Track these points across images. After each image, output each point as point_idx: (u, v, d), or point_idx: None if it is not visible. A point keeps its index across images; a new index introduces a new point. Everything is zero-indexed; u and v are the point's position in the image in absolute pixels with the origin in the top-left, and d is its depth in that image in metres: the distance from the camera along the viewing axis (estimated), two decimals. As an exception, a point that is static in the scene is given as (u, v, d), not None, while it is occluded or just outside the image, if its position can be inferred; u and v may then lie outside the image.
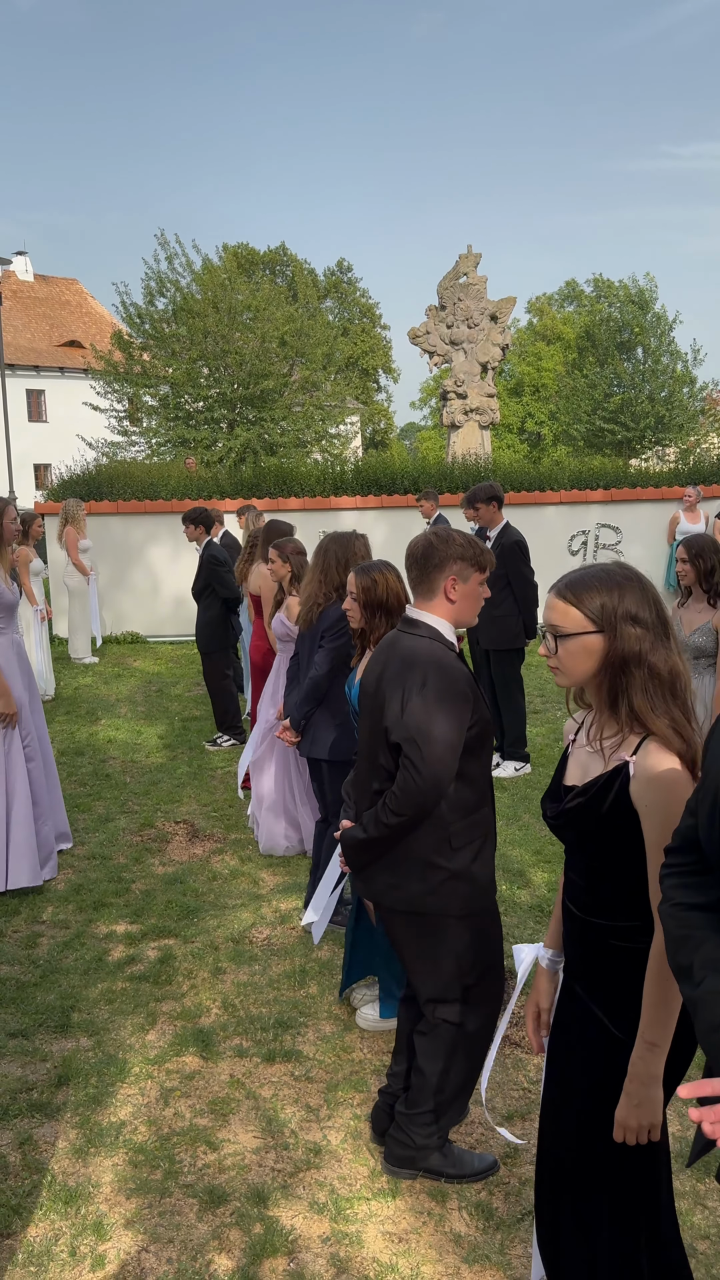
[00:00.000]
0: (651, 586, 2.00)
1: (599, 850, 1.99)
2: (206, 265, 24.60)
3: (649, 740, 1.92)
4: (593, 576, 1.98)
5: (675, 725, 1.92)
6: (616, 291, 39.02)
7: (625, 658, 1.93)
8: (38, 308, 44.20)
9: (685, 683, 1.97)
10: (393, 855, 2.79)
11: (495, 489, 6.76)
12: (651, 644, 1.93)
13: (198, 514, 7.53)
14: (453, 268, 15.67)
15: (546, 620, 2.02)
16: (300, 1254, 2.63)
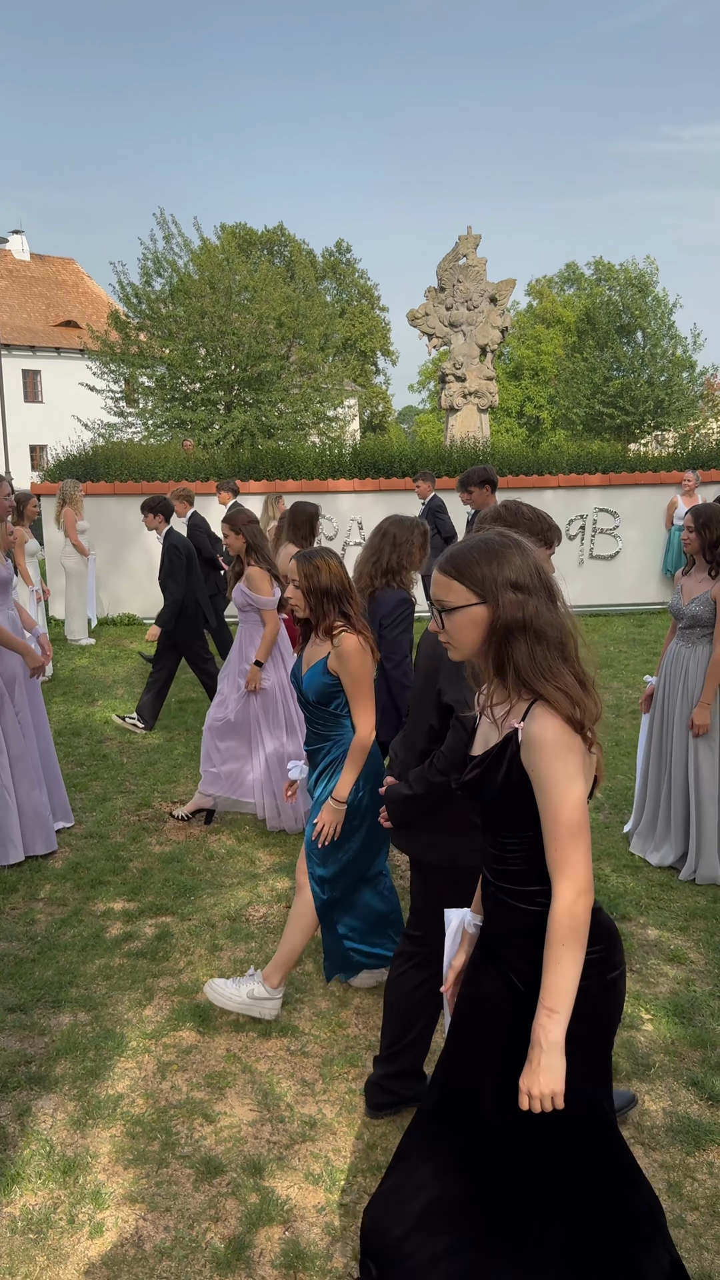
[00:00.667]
0: (533, 552, 1.99)
1: (500, 819, 2.00)
2: (204, 245, 24.46)
3: (537, 705, 1.91)
4: (472, 548, 1.98)
5: (564, 688, 1.91)
6: (617, 275, 38.86)
7: (509, 625, 1.92)
8: (34, 287, 43.93)
9: (575, 644, 1.97)
10: (437, 814, 2.86)
11: (488, 472, 6.76)
12: (535, 609, 1.92)
13: (156, 502, 7.46)
14: (452, 249, 15.61)
15: (433, 596, 2.03)
16: (296, 1223, 2.67)
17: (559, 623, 1.94)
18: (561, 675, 1.91)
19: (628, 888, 4.69)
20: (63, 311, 43.39)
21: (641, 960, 4.03)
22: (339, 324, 29.37)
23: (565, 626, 1.95)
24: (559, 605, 1.96)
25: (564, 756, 1.87)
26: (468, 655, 2.00)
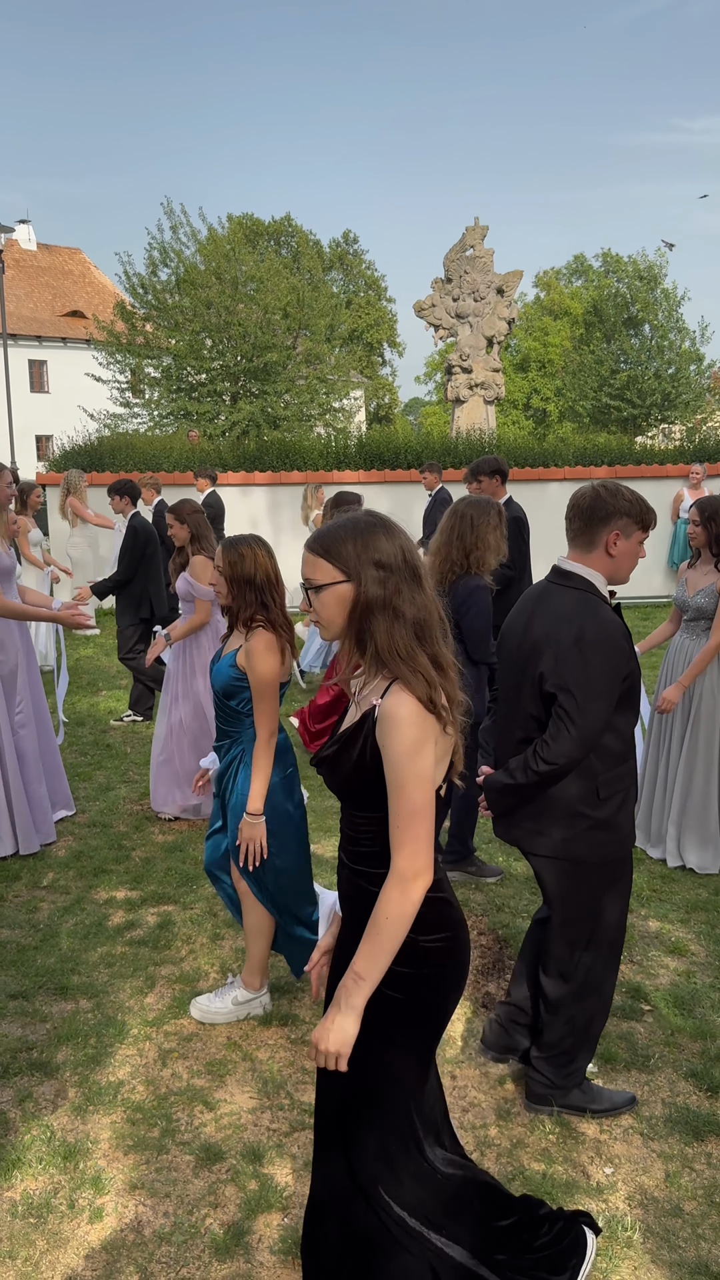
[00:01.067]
0: (401, 532, 1.99)
1: (354, 797, 2.00)
2: (211, 235, 24.41)
3: (395, 683, 1.91)
4: (339, 526, 1.98)
5: (419, 669, 1.90)
6: (625, 267, 38.67)
7: (370, 603, 1.91)
8: (40, 277, 43.88)
9: (438, 627, 1.96)
10: (538, 802, 2.87)
11: (499, 462, 6.74)
12: (396, 588, 1.92)
13: (122, 485, 7.52)
14: (459, 240, 15.56)
15: (303, 575, 2.03)
16: (294, 1210, 2.68)
17: (421, 604, 1.94)
18: (417, 656, 1.91)
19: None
20: (69, 301, 43.34)
21: (643, 952, 4.03)
22: (345, 315, 29.28)
23: (428, 609, 1.95)
24: (424, 587, 1.96)
25: (414, 735, 1.87)
26: (336, 635, 1.99)
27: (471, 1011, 3.61)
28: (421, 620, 1.93)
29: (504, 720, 3.02)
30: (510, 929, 4.19)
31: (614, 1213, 2.67)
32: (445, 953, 2.02)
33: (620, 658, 2.75)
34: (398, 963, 1.96)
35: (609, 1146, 2.93)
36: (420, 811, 1.88)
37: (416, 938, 1.97)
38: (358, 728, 1.96)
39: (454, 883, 4.63)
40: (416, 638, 1.92)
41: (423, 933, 1.98)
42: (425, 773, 1.88)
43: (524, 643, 2.88)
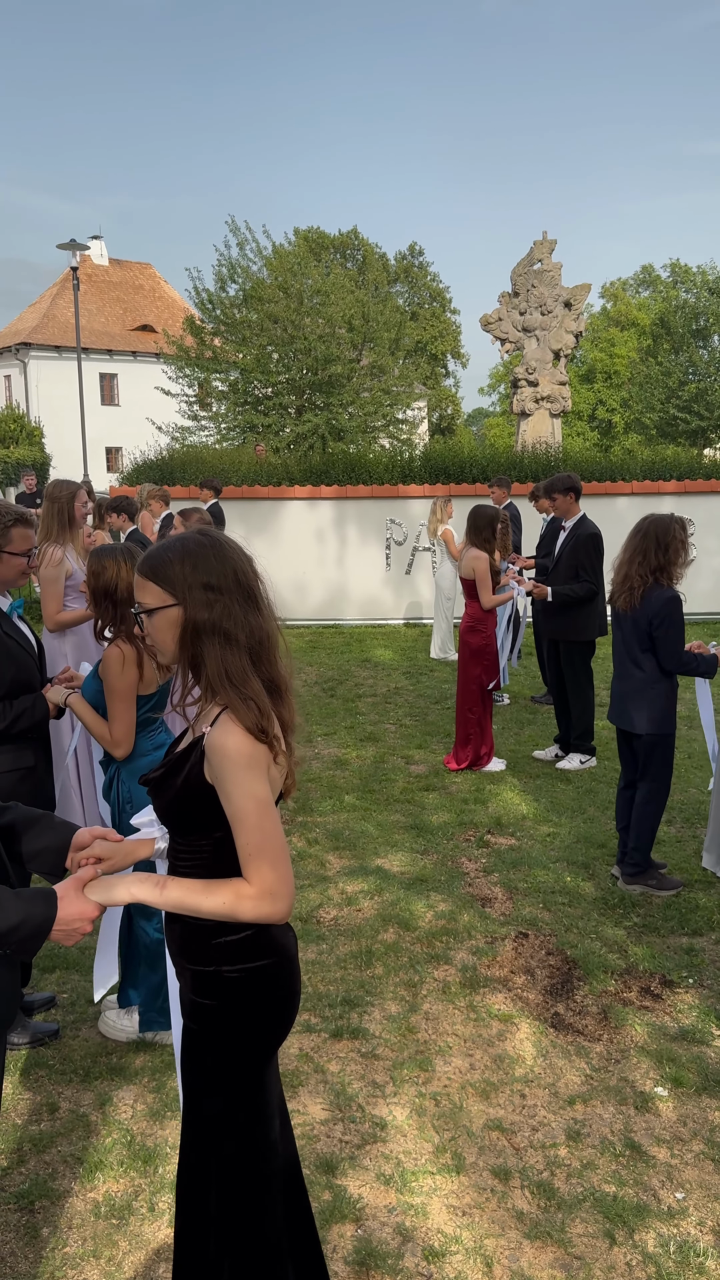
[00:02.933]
0: (234, 553, 1.94)
1: (175, 821, 1.95)
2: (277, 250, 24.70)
3: (225, 712, 1.85)
4: (168, 548, 1.93)
5: (251, 695, 1.85)
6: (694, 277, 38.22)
7: (198, 626, 1.87)
8: (112, 291, 44.78)
9: (274, 649, 1.92)
10: None
11: (574, 480, 6.78)
12: (227, 610, 1.87)
13: (119, 501, 7.70)
14: (527, 254, 15.57)
15: (135, 599, 1.99)
16: (367, 1222, 2.74)
17: (256, 626, 1.90)
18: (249, 682, 1.86)
19: (699, 904, 4.66)
20: (139, 316, 44.15)
21: (714, 976, 4.01)
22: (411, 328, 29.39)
23: (264, 630, 1.91)
24: (260, 608, 1.92)
25: (245, 765, 1.82)
26: (169, 659, 1.94)
27: (540, 1032, 3.63)
28: (257, 643, 1.90)
29: None
30: (579, 949, 4.20)
31: (686, 1237, 2.68)
32: (267, 977, 1.94)
33: None
34: (200, 994, 1.94)
35: (680, 1171, 2.94)
36: (267, 840, 1.83)
37: (221, 968, 1.91)
38: (185, 755, 1.92)
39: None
40: (251, 661, 1.88)
41: (229, 963, 1.92)
42: (263, 799, 1.84)
43: None
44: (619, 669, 4.84)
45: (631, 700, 4.72)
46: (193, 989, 1.96)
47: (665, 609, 4.56)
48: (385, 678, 9.52)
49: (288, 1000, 2.00)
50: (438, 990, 3.89)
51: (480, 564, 6.53)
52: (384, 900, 4.67)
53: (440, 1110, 3.20)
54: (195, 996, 1.95)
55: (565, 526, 6.79)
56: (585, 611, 6.66)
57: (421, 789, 6.28)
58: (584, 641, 6.72)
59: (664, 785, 4.80)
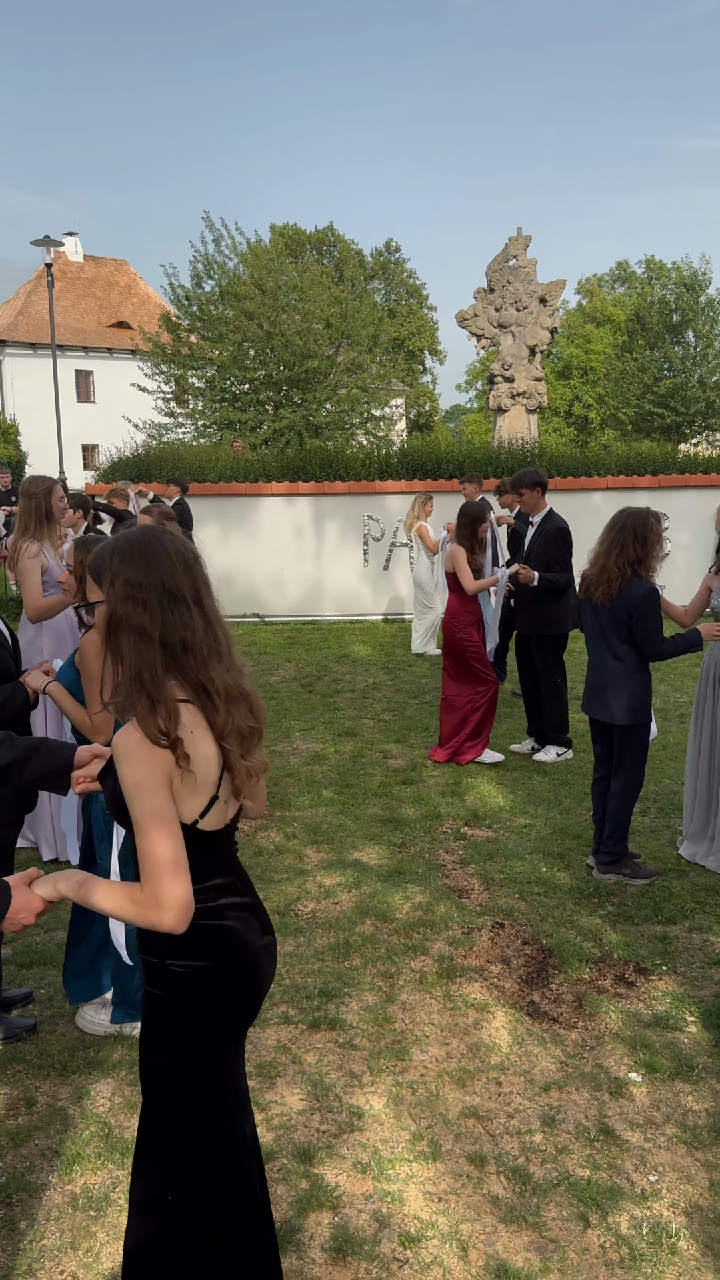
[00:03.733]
0: (169, 552, 1.88)
1: (116, 816, 1.93)
2: (253, 246, 24.66)
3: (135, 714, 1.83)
4: (106, 545, 1.94)
5: (160, 699, 1.80)
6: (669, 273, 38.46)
7: (116, 622, 1.84)
8: (87, 288, 44.54)
9: (204, 650, 1.86)
10: None
11: (539, 475, 6.83)
12: (144, 606, 1.83)
13: (74, 498, 7.74)
14: (502, 250, 15.61)
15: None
16: (344, 1209, 2.76)
17: (180, 626, 1.84)
18: (161, 683, 1.82)
19: (673, 892, 4.71)
20: (115, 313, 43.94)
21: (687, 963, 4.06)
22: (388, 325, 29.42)
23: (194, 632, 1.86)
24: (190, 608, 1.87)
25: (137, 772, 1.78)
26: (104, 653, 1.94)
27: (515, 1020, 3.66)
28: (180, 644, 1.85)
29: None
30: (554, 938, 4.23)
31: (658, 1219, 2.71)
32: (196, 983, 1.92)
33: None
34: (151, 984, 1.96)
35: (653, 1155, 2.97)
36: (150, 852, 1.77)
37: (165, 961, 1.92)
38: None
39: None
40: (173, 661, 1.84)
41: (173, 956, 1.91)
42: (155, 811, 1.78)
43: None
44: (595, 660, 4.87)
45: (609, 691, 4.77)
46: (146, 978, 1.99)
47: (644, 603, 4.61)
48: (363, 673, 9.54)
49: (237, 1000, 1.97)
50: (415, 980, 3.92)
51: (458, 554, 6.57)
52: (362, 893, 4.69)
53: (417, 1099, 3.22)
54: (148, 986, 1.98)
55: (533, 521, 6.84)
56: (559, 604, 6.71)
57: (399, 783, 6.31)
58: (557, 635, 6.76)
59: (638, 776, 4.85)
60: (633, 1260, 2.58)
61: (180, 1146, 1.97)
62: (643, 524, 4.67)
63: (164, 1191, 1.98)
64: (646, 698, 4.77)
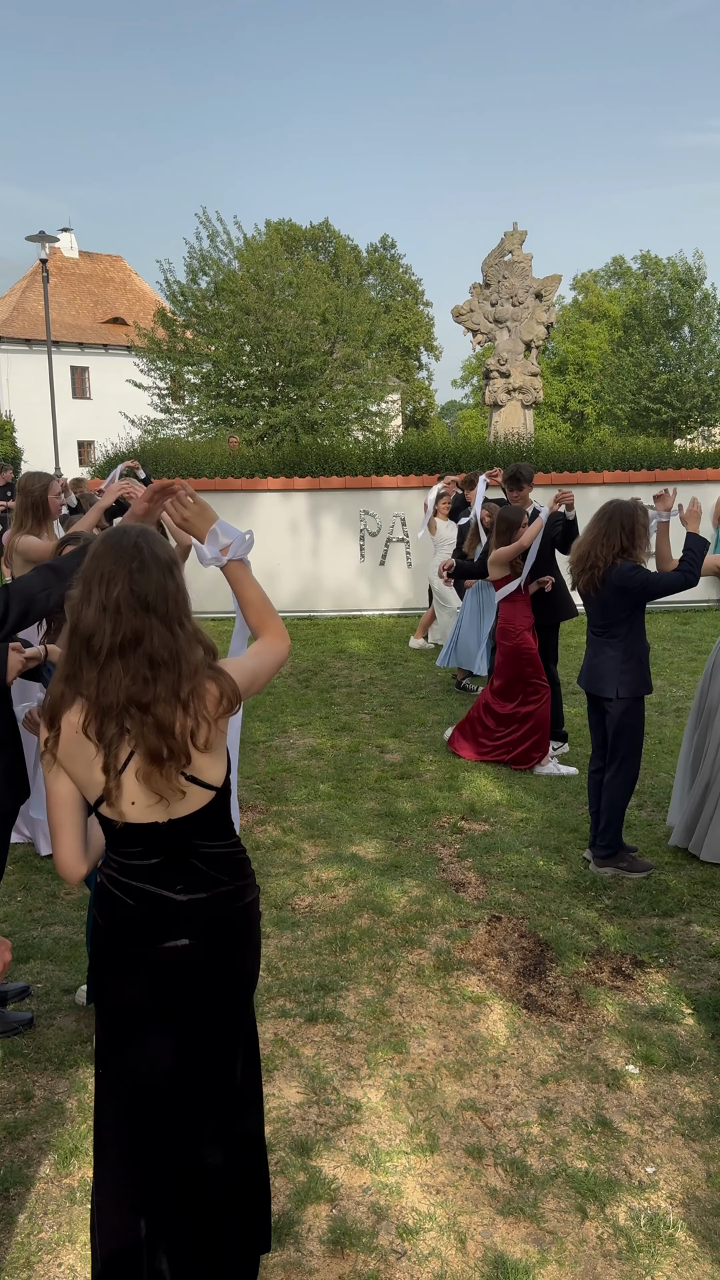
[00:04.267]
0: (105, 549, 1.96)
1: None
2: (249, 242, 24.61)
3: None
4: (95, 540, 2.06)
5: (58, 680, 1.97)
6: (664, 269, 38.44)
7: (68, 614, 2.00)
8: (82, 284, 44.43)
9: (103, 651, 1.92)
10: None
11: (519, 470, 6.87)
12: (77, 603, 1.95)
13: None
14: (497, 245, 15.59)
15: None
16: (342, 1201, 2.76)
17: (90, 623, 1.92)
18: (66, 668, 1.97)
19: (669, 885, 4.71)
20: (110, 308, 43.83)
21: (684, 956, 4.06)
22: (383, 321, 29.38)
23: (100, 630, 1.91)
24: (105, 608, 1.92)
25: (39, 748, 2.04)
26: None
27: (512, 1013, 3.67)
28: (86, 637, 1.93)
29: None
30: (551, 932, 4.24)
31: (656, 1211, 2.72)
32: (97, 941, 2.15)
33: None
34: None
35: (650, 1146, 2.98)
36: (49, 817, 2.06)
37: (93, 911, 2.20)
38: None
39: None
40: (87, 654, 1.93)
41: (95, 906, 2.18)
42: (50, 786, 2.04)
43: None
44: (591, 647, 4.91)
45: (604, 669, 4.81)
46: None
47: (630, 575, 4.64)
48: (360, 668, 9.54)
49: (99, 959, 2.15)
50: (412, 974, 3.92)
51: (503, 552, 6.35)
52: (359, 886, 4.69)
53: (414, 1091, 3.23)
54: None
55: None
56: (551, 596, 6.69)
57: (396, 777, 6.30)
58: (550, 625, 6.74)
59: (633, 764, 4.86)
60: (630, 1251, 2.59)
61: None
62: (629, 515, 4.72)
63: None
64: (643, 671, 4.79)
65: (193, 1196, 2.15)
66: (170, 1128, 2.13)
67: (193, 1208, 2.16)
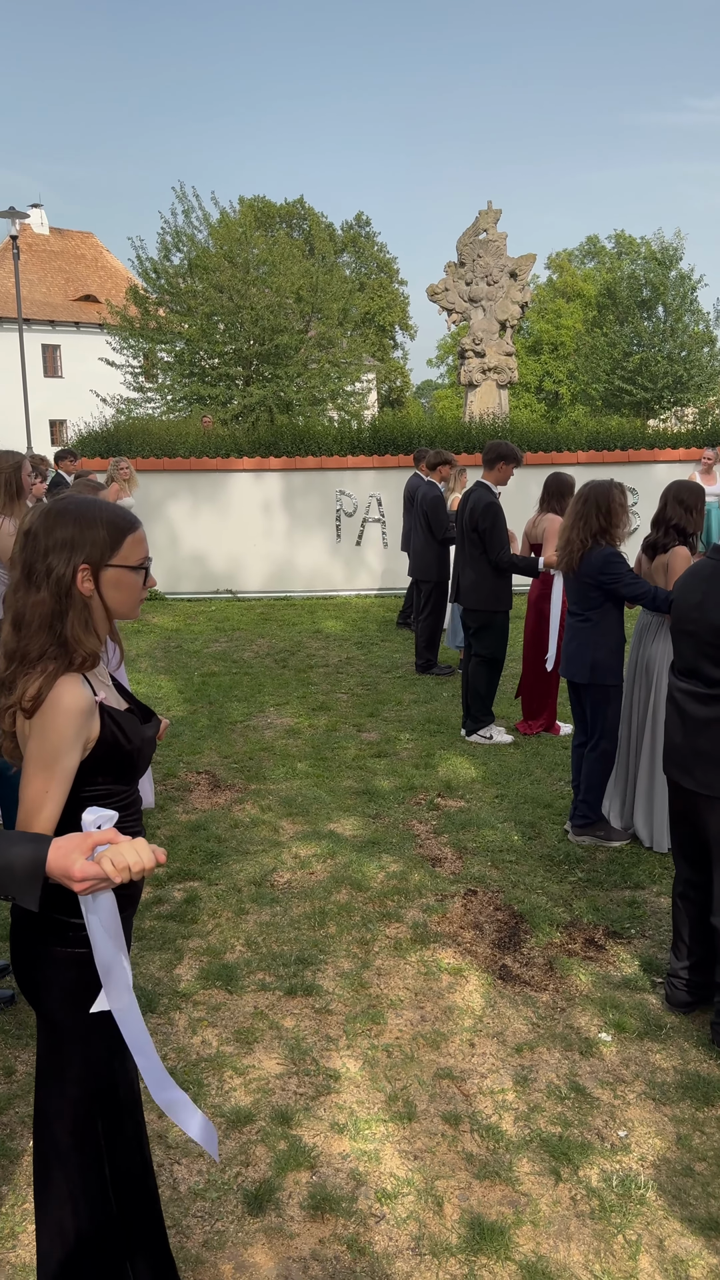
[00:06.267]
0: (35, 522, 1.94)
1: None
2: (223, 219, 24.38)
3: None
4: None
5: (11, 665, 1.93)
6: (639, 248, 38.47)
7: None
8: (53, 261, 43.85)
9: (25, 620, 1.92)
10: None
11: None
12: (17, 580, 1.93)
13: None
14: (472, 224, 15.55)
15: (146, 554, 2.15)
16: (321, 1168, 2.81)
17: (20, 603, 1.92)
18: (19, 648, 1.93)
19: (641, 858, 4.80)
20: (82, 286, 43.32)
21: (655, 927, 4.15)
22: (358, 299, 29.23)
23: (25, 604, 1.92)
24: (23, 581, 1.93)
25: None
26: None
27: (488, 984, 3.73)
28: (17, 618, 1.93)
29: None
30: (526, 904, 4.31)
31: (628, 1172, 2.79)
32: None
33: None
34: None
35: (623, 1111, 3.05)
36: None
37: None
38: None
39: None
40: (15, 628, 1.94)
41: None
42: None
43: (707, 619, 3.21)
44: (568, 630, 5.01)
45: (577, 652, 4.91)
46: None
47: (606, 563, 4.72)
48: (337, 648, 9.57)
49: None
50: (389, 947, 3.98)
51: (552, 524, 6.46)
52: (337, 863, 4.74)
53: (392, 1061, 3.29)
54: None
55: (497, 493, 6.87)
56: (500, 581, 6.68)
57: (373, 755, 6.35)
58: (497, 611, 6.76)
59: (610, 744, 4.93)
60: (603, 1211, 2.66)
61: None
62: (606, 496, 4.77)
63: None
64: (612, 661, 4.86)
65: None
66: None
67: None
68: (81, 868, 1.62)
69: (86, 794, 1.91)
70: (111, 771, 1.95)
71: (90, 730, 1.90)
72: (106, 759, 1.93)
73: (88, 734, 1.89)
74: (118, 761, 1.95)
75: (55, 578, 1.90)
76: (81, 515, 1.93)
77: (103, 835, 1.66)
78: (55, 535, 1.91)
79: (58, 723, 1.84)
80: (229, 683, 8.21)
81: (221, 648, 9.65)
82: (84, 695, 1.88)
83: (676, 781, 3.39)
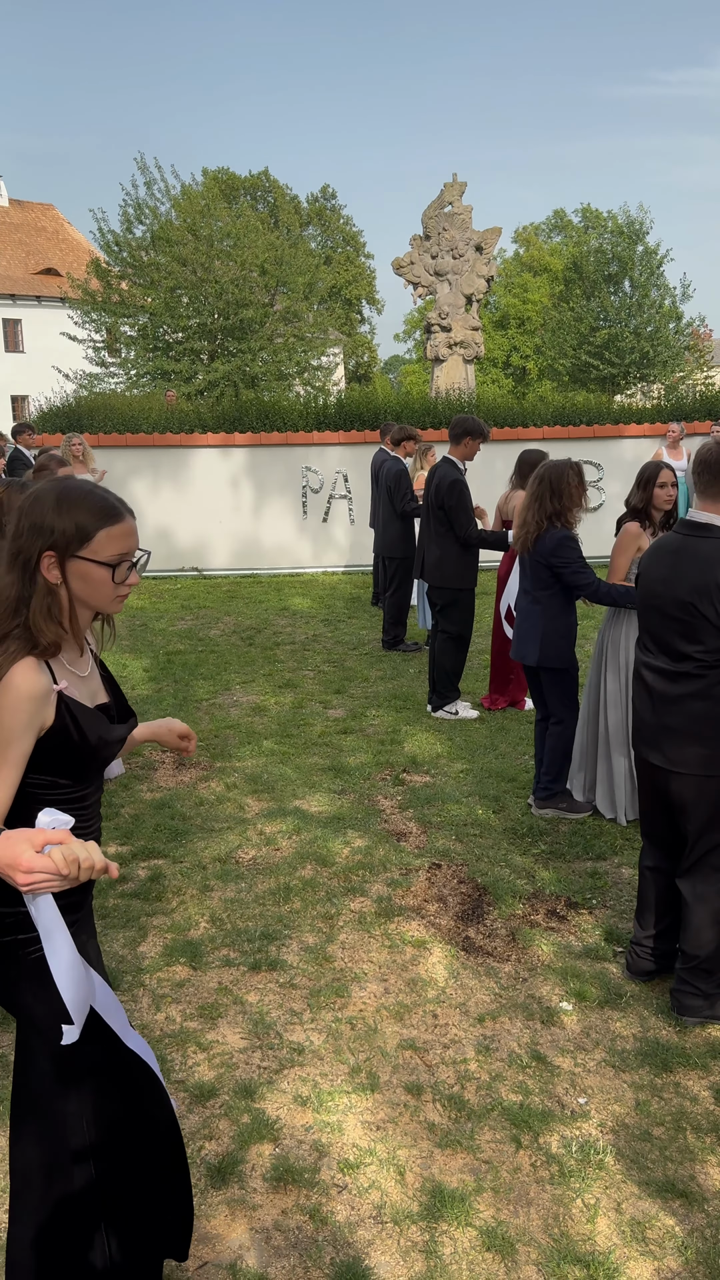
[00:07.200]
0: (32, 510, 1.91)
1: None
2: (186, 191, 24.04)
3: None
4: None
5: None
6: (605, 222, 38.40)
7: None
8: (13, 234, 43.04)
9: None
10: (701, 727, 3.20)
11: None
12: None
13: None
14: (437, 197, 15.44)
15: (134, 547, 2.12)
16: (284, 1141, 2.83)
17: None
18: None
19: (603, 829, 4.85)
20: (43, 259, 42.56)
21: (615, 897, 4.20)
22: (324, 272, 28.96)
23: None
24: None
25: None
26: None
27: (451, 955, 3.76)
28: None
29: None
30: (489, 877, 4.34)
31: (587, 1138, 2.84)
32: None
33: None
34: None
35: (583, 1079, 3.10)
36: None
37: None
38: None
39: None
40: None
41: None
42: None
43: (673, 593, 3.18)
44: (519, 611, 5.03)
45: (528, 635, 4.96)
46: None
47: (558, 548, 4.74)
48: (303, 626, 9.55)
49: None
50: (354, 921, 4.00)
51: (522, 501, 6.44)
52: (302, 839, 4.75)
53: (356, 1033, 3.31)
54: None
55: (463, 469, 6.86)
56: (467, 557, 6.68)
57: (339, 732, 6.36)
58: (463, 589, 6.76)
59: (570, 723, 4.98)
60: (562, 1176, 2.70)
61: None
62: (560, 476, 4.75)
63: None
64: (563, 643, 4.90)
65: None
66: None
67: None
68: (29, 859, 1.60)
69: (33, 784, 1.88)
70: (59, 764, 1.92)
71: (45, 717, 1.87)
72: (56, 750, 1.90)
73: (41, 720, 1.86)
74: (66, 754, 1.91)
75: (23, 561, 1.88)
76: (61, 501, 1.88)
77: (55, 835, 1.64)
78: (31, 518, 1.88)
79: (8, 705, 1.81)
80: (194, 661, 8.17)
81: (187, 626, 9.60)
82: (39, 680, 1.84)
83: (645, 758, 3.40)
